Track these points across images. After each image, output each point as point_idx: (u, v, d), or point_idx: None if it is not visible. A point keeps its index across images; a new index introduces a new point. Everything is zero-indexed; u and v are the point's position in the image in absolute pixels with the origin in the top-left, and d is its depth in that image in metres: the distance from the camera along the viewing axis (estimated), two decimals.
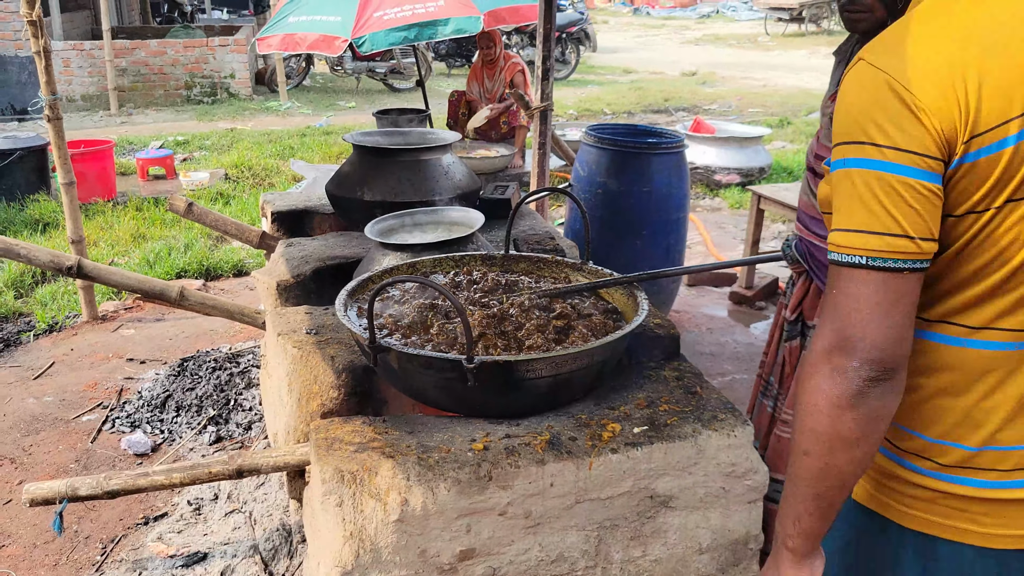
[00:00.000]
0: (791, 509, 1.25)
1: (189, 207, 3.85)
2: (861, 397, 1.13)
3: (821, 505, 1.21)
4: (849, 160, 1.13)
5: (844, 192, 1.14)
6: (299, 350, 2.57)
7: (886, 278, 1.12)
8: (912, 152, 1.09)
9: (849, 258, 1.13)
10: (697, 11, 30.77)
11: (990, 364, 1.22)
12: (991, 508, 1.27)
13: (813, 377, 1.17)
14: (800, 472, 1.21)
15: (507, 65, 7.39)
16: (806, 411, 1.18)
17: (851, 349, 1.13)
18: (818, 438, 1.17)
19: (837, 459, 1.17)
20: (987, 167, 1.10)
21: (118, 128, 10.58)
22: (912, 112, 1.09)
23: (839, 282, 1.14)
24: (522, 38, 14.72)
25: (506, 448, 2.05)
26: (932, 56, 1.10)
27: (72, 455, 3.45)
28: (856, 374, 1.13)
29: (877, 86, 1.11)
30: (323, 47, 5.82)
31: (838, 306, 1.15)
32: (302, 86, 13.55)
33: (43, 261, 2.89)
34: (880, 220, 1.11)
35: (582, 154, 4.50)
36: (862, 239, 1.12)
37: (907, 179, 1.10)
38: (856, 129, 1.13)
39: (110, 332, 4.72)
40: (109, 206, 6.99)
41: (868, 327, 1.12)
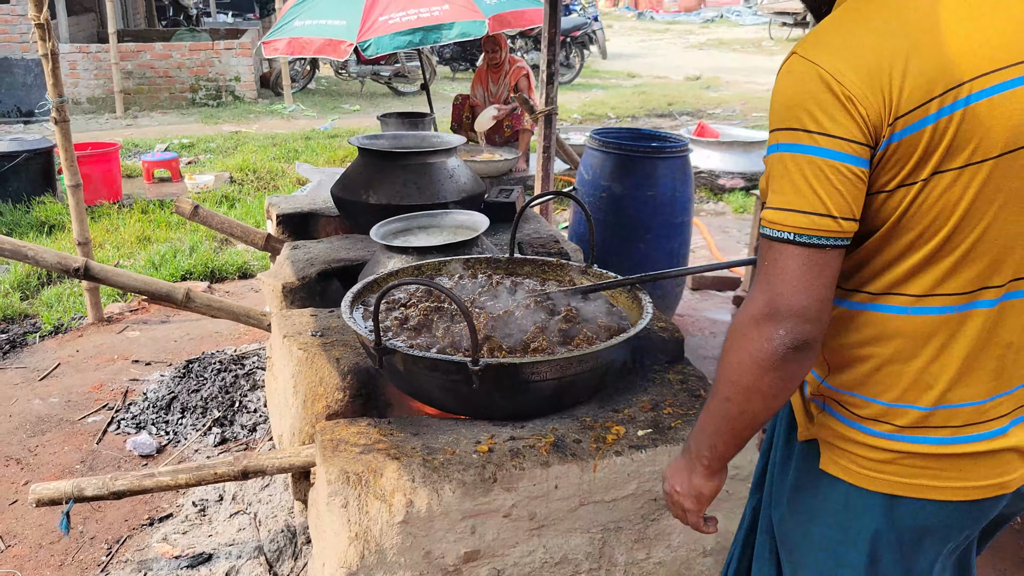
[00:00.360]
0: (707, 436, 1.39)
1: (195, 210, 3.87)
2: (783, 361, 1.23)
3: (736, 438, 1.36)
4: (782, 145, 1.23)
5: (776, 174, 1.24)
6: (305, 352, 2.59)
7: (811, 253, 1.21)
8: (840, 138, 1.19)
9: (779, 234, 1.23)
10: (701, 16, 30.77)
11: (934, 328, 1.31)
12: (946, 463, 1.35)
13: (742, 338, 1.27)
14: (719, 411, 1.35)
15: (511, 69, 7.41)
16: (731, 366, 1.29)
17: (779, 318, 1.22)
18: (740, 390, 1.29)
19: (754, 407, 1.30)
20: (911, 144, 1.20)
21: (123, 131, 10.61)
22: (840, 102, 1.18)
23: (770, 255, 1.24)
24: (526, 42, 14.73)
25: (511, 450, 2.06)
26: (859, 48, 1.20)
27: (77, 456, 3.46)
28: (781, 341, 1.23)
29: (809, 77, 1.21)
30: (329, 51, 5.83)
31: (768, 277, 1.24)
32: (307, 89, 13.57)
33: (50, 263, 2.91)
34: (807, 200, 1.20)
35: (586, 158, 4.51)
36: (791, 217, 1.22)
37: (834, 162, 1.19)
38: (790, 117, 1.22)
39: (115, 334, 4.73)
40: (115, 208, 7.01)
41: (794, 298, 1.22)
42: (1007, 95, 1.19)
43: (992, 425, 1.35)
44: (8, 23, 11.45)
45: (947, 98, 1.18)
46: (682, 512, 1.49)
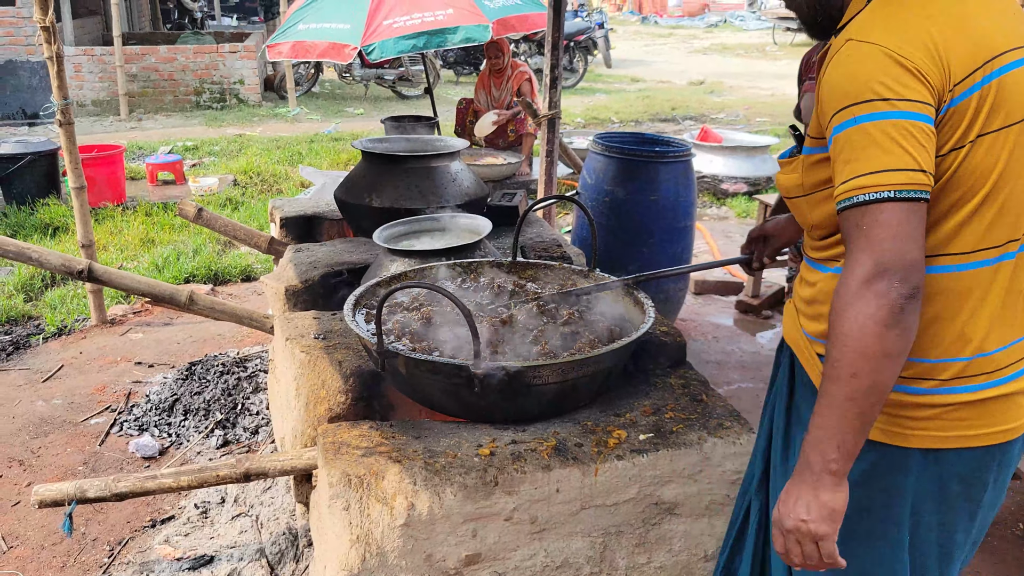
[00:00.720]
0: (833, 435, 1.36)
1: (199, 212, 3.88)
2: (902, 314, 1.30)
3: (864, 423, 1.35)
4: (859, 117, 1.33)
5: (858, 144, 1.33)
6: (307, 355, 2.59)
7: (910, 207, 1.31)
8: (917, 101, 1.32)
9: (877, 195, 1.31)
10: (705, 20, 30.77)
11: (974, 283, 1.43)
12: (979, 410, 1.47)
13: (855, 304, 1.31)
14: (846, 394, 1.34)
15: (514, 74, 7.41)
16: (851, 336, 1.32)
17: (890, 272, 1.30)
18: (867, 358, 1.31)
19: (883, 375, 1.32)
20: (963, 110, 1.36)
21: (128, 133, 10.63)
22: (910, 72, 1.33)
23: (867, 218, 1.32)
24: (530, 46, 14.75)
25: (512, 454, 2.06)
26: (910, 29, 1.36)
27: (80, 458, 3.47)
28: (898, 292, 1.29)
29: (874, 56, 1.34)
30: (333, 54, 5.84)
31: (870, 238, 1.31)
32: (311, 92, 13.60)
33: (55, 265, 2.92)
34: (899, 158, 1.31)
35: (589, 162, 4.52)
36: (887, 176, 1.31)
37: (916, 122, 1.32)
38: (863, 91, 1.33)
39: (119, 336, 4.74)
40: (119, 211, 7.02)
41: (901, 251, 1.30)
42: (1020, 71, 1.39)
43: (1014, 368, 1.49)
44: (13, 25, 11.49)
45: (986, 68, 1.35)
46: (813, 546, 1.41)
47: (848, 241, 1.36)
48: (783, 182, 1.63)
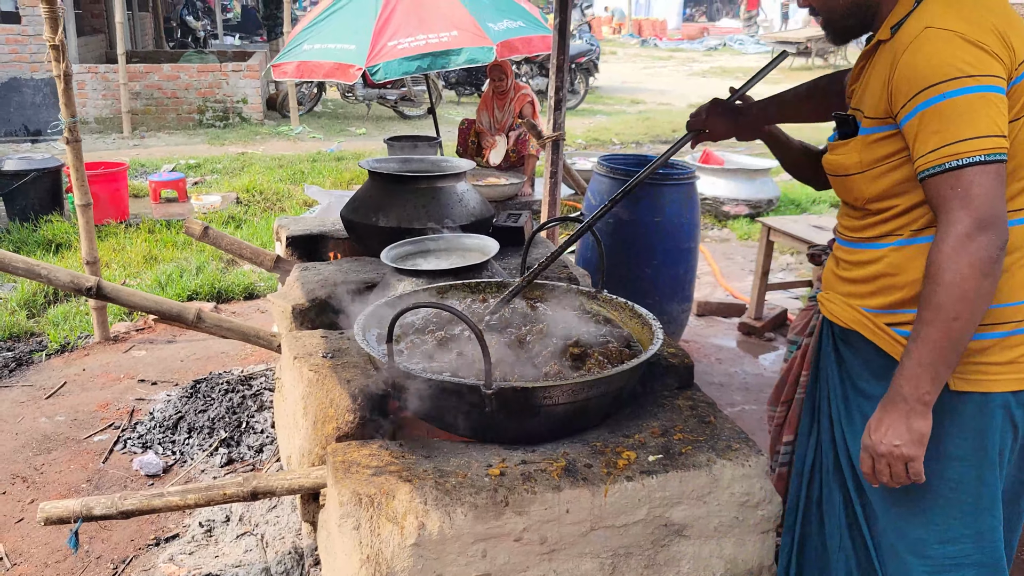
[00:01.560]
0: (929, 370, 1.59)
1: (205, 231, 3.89)
2: (996, 263, 1.53)
3: (957, 356, 1.59)
4: (948, 92, 1.54)
5: (948, 115, 1.54)
6: (315, 373, 2.60)
7: (997, 168, 1.53)
8: (995, 76, 1.55)
9: (971, 159, 1.52)
10: (704, 44, 30.99)
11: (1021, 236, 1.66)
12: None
13: (959, 256, 1.52)
14: (948, 334, 1.56)
15: (517, 95, 7.45)
16: (954, 283, 1.53)
17: (988, 226, 1.51)
18: (968, 303, 1.53)
19: (977, 316, 1.55)
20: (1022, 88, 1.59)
21: (131, 151, 10.67)
22: (987, 52, 1.55)
23: (962, 181, 1.53)
24: (531, 67, 14.85)
25: (522, 474, 2.06)
26: (978, 18, 1.58)
27: (84, 475, 3.46)
28: (994, 244, 1.52)
29: (954, 39, 1.56)
30: (338, 75, 5.89)
31: (966, 197, 1.52)
32: (313, 112, 13.67)
33: (63, 282, 2.92)
34: (986, 126, 1.53)
35: (594, 184, 4.54)
36: (978, 143, 1.52)
37: (997, 95, 1.55)
38: (947, 70, 1.55)
39: (122, 353, 4.74)
40: (122, 228, 7.04)
41: (994, 208, 1.52)
42: None
43: None
44: (18, 43, 11.55)
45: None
46: (902, 466, 1.64)
47: (941, 202, 1.55)
48: (837, 161, 1.81)
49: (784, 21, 31.97)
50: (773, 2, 34.70)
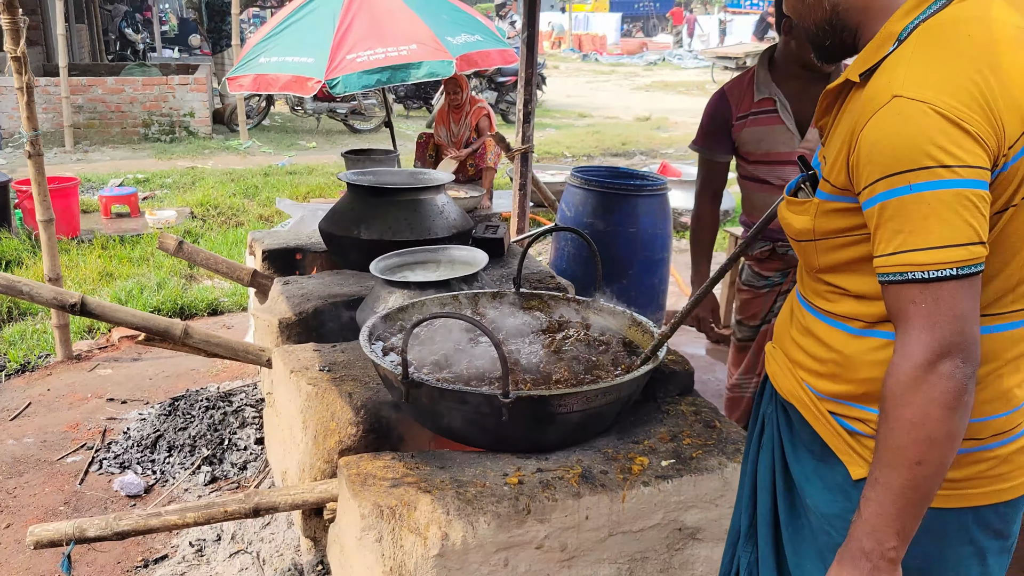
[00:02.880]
0: (894, 520, 1.30)
1: (180, 246, 3.82)
2: (966, 394, 1.25)
3: (924, 507, 1.31)
4: (916, 185, 1.24)
5: (914, 214, 1.25)
6: (314, 387, 2.57)
7: (972, 282, 1.25)
8: (977, 167, 1.23)
9: (939, 272, 1.24)
10: (644, 58, 31.48)
11: (1013, 340, 1.41)
12: (1009, 463, 1.45)
13: (920, 389, 1.25)
14: (912, 482, 1.28)
15: (472, 109, 7.47)
16: (916, 424, 1.26)
17: (956, 352, 1.24)
18: (934, 444, 1.26)
19: (947, 458, 1.27)
20: (1012, 174, 1.27)
21: (74, 165, 10.39)
22: (969, 135, 1.23)
23: (928, 295, 1.25)
24: (481, 81, 14.91)
25: (540, 482, 2.08)
26: (960, 84, 1.24)
27: (60, 497, 3.36)
28: (963, 373, 1.24)
29: (926, 115, 1.23)
30: (296, 88, 5.82)
31: (933, 317, 1.25)
32: (262, 125, 13.50)
33: (46, 299, 2.85)
34: (962, 232, 1.23)
35: (568, 195, 4.59)
36: (950, 253, 1.23)
37: (977, 191, 1.23)
38: (919, 157, 1.23)
39: (86, 372, 4.62)
40: (74, 244, 6.86)
41: (965, 328, 1.24)
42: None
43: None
44: None
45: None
46: None
47: (901, 317, 1.29)
48: (792, 222, 1.53)
49: (722, 37, 32.66)
50: (711, 18, 35.46)
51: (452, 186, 7.13)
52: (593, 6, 38.96)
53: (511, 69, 13.66)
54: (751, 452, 1.79)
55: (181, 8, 28.99)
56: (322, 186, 9.21)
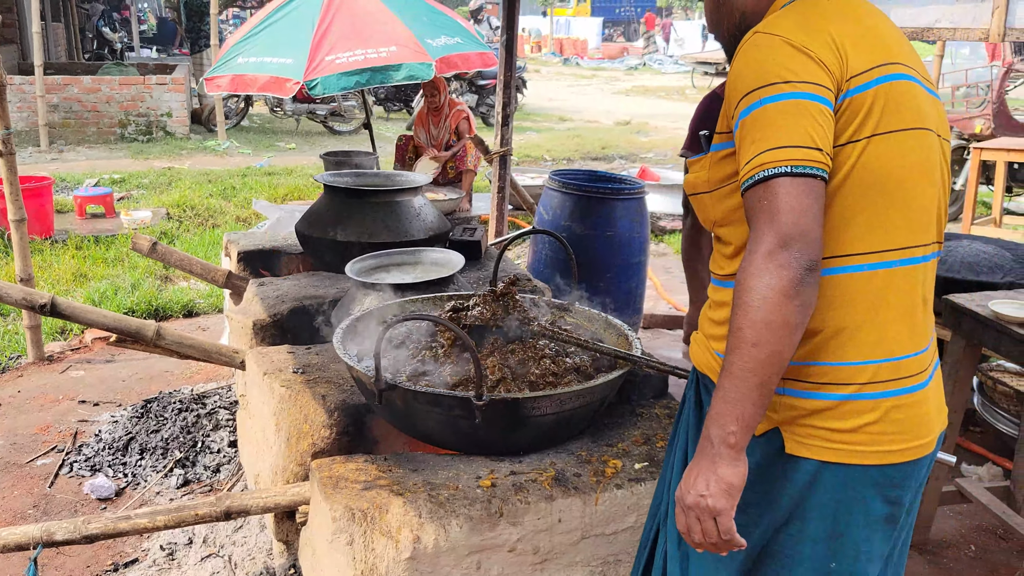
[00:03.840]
0: (734, 406, 1.38)
1: (153, 246, 3.79)
2: (802, 285, 1.33)
3: (764, 393, 1.37)
4: (764, 99, 1.39)
5: (761, 124, 1.39)
6: (287, 389, 2.56)
7: (806, 181, 1.35)
8: (816, 83, 1.39)
9: (775, 170, 1.35)
10: (624, 63, 31.58)
11: (882, 284, 1.46)
12: (898, 421, 1.50)
13: (760, 275, 1.34)
14: (748, 364, 1.36)
15: (452, 112, 7.46)
16: (754, 306, 1.34)
17: (791, 244, 1.33)
18: (768, 327, 1.33)
19: (782, 344, 1.35)
20: (860, 102, 1.42)
21: (48, 165, 10.28)
22: (811, 59, 1.41)
23: (767, 193, 1.36)
24: (462, 84, 14.90)
25: (514, 485, 2.07)
26: (812, 25, 1.45)
27: (29, 500, 3.31)
28: (798, 263, 1.32)
29: (779, 44, 1.43)
30: (274, 88, 5.78)
31: (771, 212, 1.35)
32: (240, 126, 13.41)
33: (15, 299, 2.81)
34: (797, 135, 1.36)
35: (546, 199, 4.59)
36: (785, 152, 1.36)
37: (815, 103, 1.38)
38: (767, 75, 1.40)
39: (58, 373, 4.56)
40: (47, 244, 6.78)
41: (800, 223, 1.33)
42: (911, 83, 1.49)
43: (922, 377, 1.52)
44: None
45: (882, 70, 1.44)
46: (712, 522, 1.41)
47: (752, 218, 1.38)
48: (690, 180, 1.67)
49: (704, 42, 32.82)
50: (693, 23, 35.63)
51: (431, 188, 7.12)
52: (575, 10, 39.06)
53: (491, 72, 13.67)
54: (675, 434, 1.84)
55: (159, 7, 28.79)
56: (300, 188, 9.16)
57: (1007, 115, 8.36)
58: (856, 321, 1.46)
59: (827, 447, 1.47)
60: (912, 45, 1.61)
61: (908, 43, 1.58)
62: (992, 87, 8.81)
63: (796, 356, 1.45)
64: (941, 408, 1.59)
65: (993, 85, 8.77)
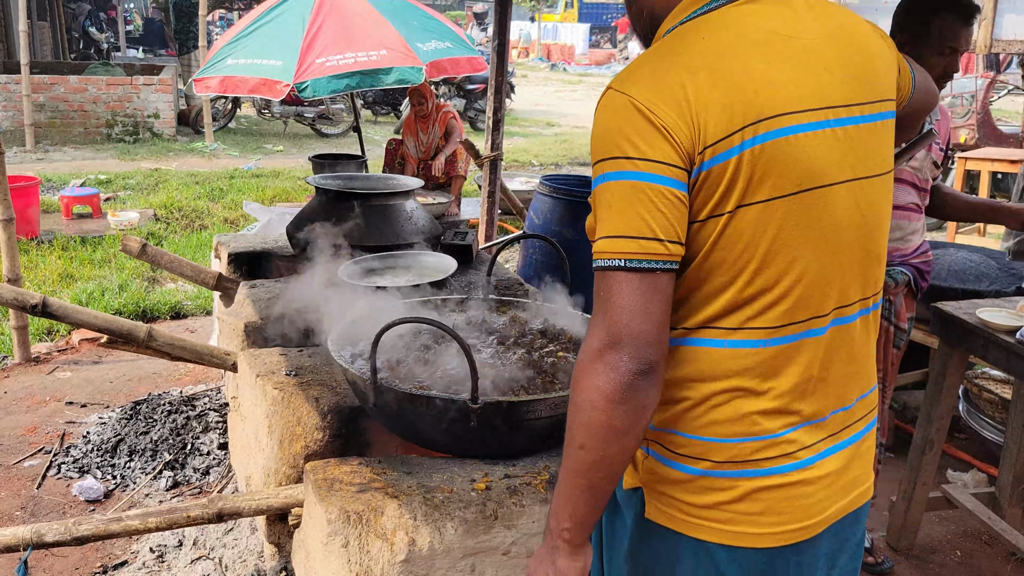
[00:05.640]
0: (567, 503, 1.31)
1: (143, 248, 3.77)
2: (631, 390, 1.21)
3: (595, 494, 1.29)
4: (607, 174, 1.25)
5: (603, 204, 1.25)
6: (280, 391, 2.56)
7: (642, 278, 1.22)
8: (659, 162, 1.22)
9: (609, 262, 1.22)
10: (611, 69, 31.71)
11: (752, 361, 1.31)
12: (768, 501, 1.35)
13: (587, 375, 1.23)
14: (576, 466, 1.28)
15: (439, 116, 7.47)
16: (581, 408, 1.24)
17: (620, 345, 1.21)
18: (594, 432, 1.24)
19: (610, 450, 1.24)
20: (719, 174, 1.23)
21: (34, 165, 10.22)
22: (656, 128, 1.22)
23: (603, 285, 1.24)
24: (450, 88, 14.91)
25: (508, 488, 2.08)
26: (666, 80, 1.24)
27: (16, 502, 3.29)
28: (627, 367, 1.20)
29: (624, 108, 1.24)
30: (264, 90, 5.78)
31: (606, 307, 1.23)
32: (228, 128, 13.37)
33: (6, 299, 2.80)
34: (633, 225, 1.22)
35: (536, 203, 4.61)
36: (620, 244, 1.22)
37: (656, 185, 1.22)
38: (609, 146, 1.25)
39: (45, 375, 4.54)
40: (33, 245, 6.75)
41: (632, 323, 1.21)
42: (802, 137, 1.26)
43: (807, 454, 1.35)
44: None
45: (747, 132, 1.23)
46: None
47: (593, 306, 1.27)
48: (588, 224, 1.43)
49: None
50: None
51: (420, 192, 7.12)
52: (562, 16, 39.17)
53: (480, 77, 13.70)
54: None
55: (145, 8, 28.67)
56: (288, 190, 9.15)
57: (991, 125, 8.46)
58: (714, 396, 1.32)
59: (684, 519, 1.37)
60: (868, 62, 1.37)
61: (850, 67, 1.33)
62: (976, 98, 8.91)
63: (657, 421, 1.37)
64: (850, 482, 1.41)
65: (978, 96, 8.87)
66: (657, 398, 1.25)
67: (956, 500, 3.13)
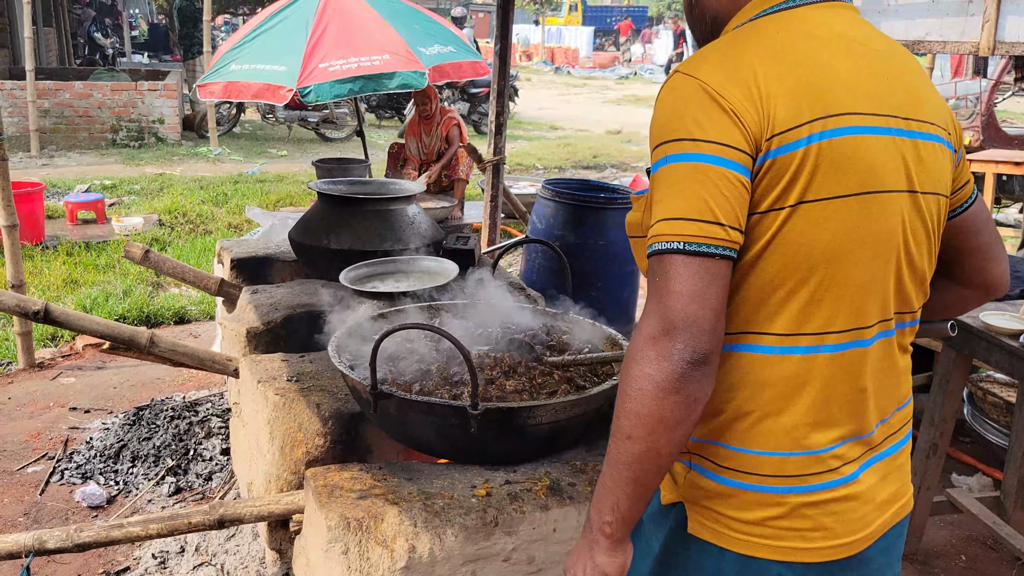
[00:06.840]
0: (609, 495, 1.26)
1: (146, 254, 3.78)
2: (684, 380, 1.16)
3: (639, 488, 1.24)
4: (669, 156, 1.22)
5: (664, 186, 1.22)
6: (282, 397, 2.56)
7: (701, 262, 1.17)
8: (725, 144, 1.19)
9: (667, 244, 1.19)
10: (616, 72, 31.69)
11: (798, 370, 1.28)
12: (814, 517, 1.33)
13: (639, 363, 1.18)
14: (621, 457, 1.23)
15: (443, 120, 7.48)
16: (631, 396, 1.19)
17: (676, 333, 1.16)
18: (643, 422, 1.18)
19: (659, 442, 1.19)
20: (785, 164, 1.20)
21: (39, 170, 10.24)
22: (724, 111, 1.20)
23: (659, 269, 1.20)
24: (454, 92, 14.92)
25: (509, 494, 2.08)
26: (738, 65, 1.23)
27: (20, 508, 3.30)
28: (680, 356, 1.16)
29: (692, 90, 1.23)
30: (268, 96, 5.79)
31: (661, 292, 1.19)
32: (232, 133, 13.40)
33: (9, 305, 2.80)
34: (695, 207, 1.18)
35: (539, 207, 4.61)
36: (679, 226, 1.18)
37: (720, 168, 1.18)
38: (675, 128, 1.22)
39: (48, 380, 4.55)
40: (38, 250, 6.76)
41: (688, 310, 1.16)
42: (868, 139, 1.24)
43: (850, 468, 1.33)
44: None
45: (816, 125, 1.21)
46: None
47: (648, 292, 1.23)
48: (629, 219, 1.46)
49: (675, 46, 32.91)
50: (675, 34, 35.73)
51: (423, 196, 7.12)
52: (566, 19, 39.19)
53: (484, 80, 13.70)
54: None
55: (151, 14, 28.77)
56: (292, 195, 9.16)
57: (996, 127, 8.44)
58: (763, 407, 1.29)
59: (728, 534, 1.33)
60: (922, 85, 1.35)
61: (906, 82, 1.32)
62: (981, 100, 8.89)
63: (699, 432, 1.33)
64: (891, 495, 1.40)
65: (982, 98, 8.85)
66: (710, 391, 1.20)
67: (961, 504, 3.12)
